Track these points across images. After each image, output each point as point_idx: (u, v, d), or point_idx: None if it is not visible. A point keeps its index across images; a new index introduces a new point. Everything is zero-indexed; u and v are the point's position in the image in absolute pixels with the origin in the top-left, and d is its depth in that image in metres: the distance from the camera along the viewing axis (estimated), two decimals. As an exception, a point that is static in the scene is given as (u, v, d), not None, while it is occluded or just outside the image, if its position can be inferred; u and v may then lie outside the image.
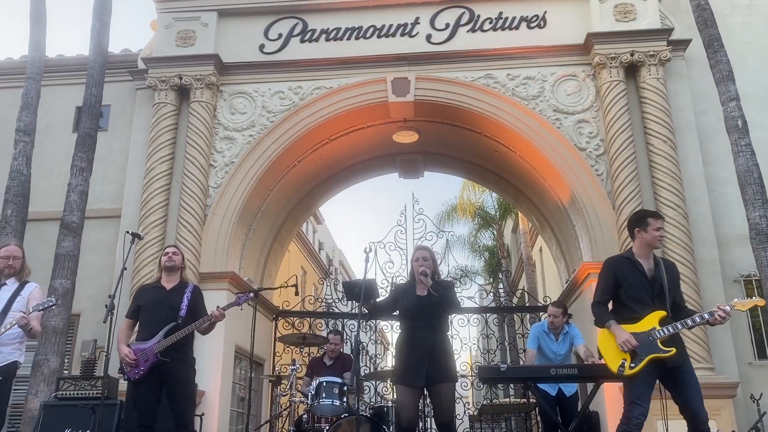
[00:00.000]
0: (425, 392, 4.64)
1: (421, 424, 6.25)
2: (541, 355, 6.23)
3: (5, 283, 5.15)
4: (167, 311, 4.89)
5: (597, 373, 5.51)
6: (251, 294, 5.30)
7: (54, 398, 6.35)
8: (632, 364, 4.20)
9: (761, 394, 7.02)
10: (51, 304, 4.94)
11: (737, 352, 7.71)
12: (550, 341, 6.24)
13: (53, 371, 6.90)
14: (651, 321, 4.27)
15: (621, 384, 7.15)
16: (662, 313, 4.26)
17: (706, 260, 7.93)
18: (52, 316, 6.95)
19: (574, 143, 8.46)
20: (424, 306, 4.54)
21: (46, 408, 6.16)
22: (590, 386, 5.65)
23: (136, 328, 5.01)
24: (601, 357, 4.52)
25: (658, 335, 4.20)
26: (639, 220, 4.49)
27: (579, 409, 5.81)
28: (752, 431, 6.68)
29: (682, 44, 8.74)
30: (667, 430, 5.73)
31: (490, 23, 9.00)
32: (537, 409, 6.62)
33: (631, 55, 8.43)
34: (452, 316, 6.30)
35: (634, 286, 4.34)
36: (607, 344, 4.37)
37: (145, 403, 4.75)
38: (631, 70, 8.57)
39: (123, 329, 5.04)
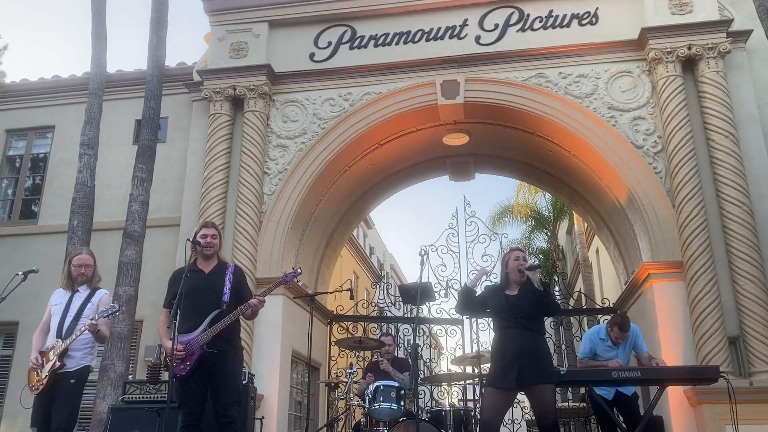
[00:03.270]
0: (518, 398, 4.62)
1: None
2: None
3: (78, 290, 5.39)
4: (210, 297, 4.57)
5: (661, 377, 5.37)
6: (297, 272, 4.99)
7: (121, 402, 6.56)
8: None
9: (838, 399, 6.67)
10: (115, 310, 5.12)
11: (811, 355, 7.34)
12: (607, 348, 6.02)
13: (119, 376, 7.14)
14: None
15: (685, 388, 6.99)
16: None
17: (774, 259, 7.59)
18: (117, 322, 7.20)
19: (630, 141, 8.25)
20: (513, 305, 4.51)
21: (114, 411, 6.38)
22: (653, 391, 5.50)
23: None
24: None
25: None
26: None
27: (642, 414, 5.64)
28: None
29: (743, 35, 8.42)
30: (737, 435, 5.53)
31: (540, 22, 8.88)
32: (595, 414, 6.45)
33: (689, 48, 8.18)
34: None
35: None
36: None
37: (192, 399, 4.46)
38: (689, 64, 8.31)
39: (163, 321, 4.72)
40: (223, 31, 9.51)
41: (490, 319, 4.93)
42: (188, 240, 4.90)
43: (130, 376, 7.94)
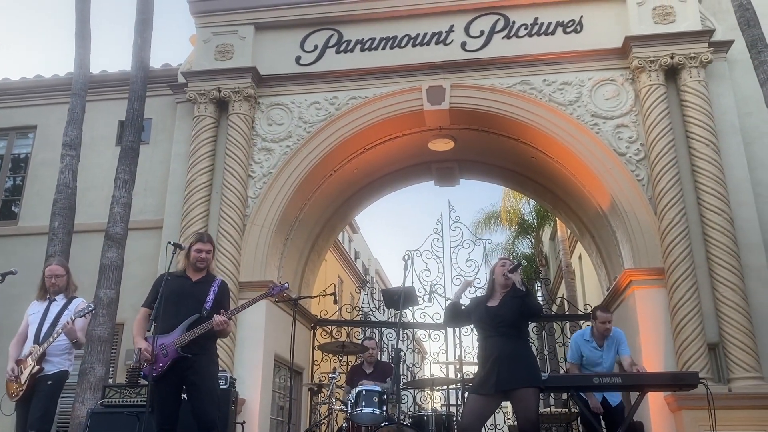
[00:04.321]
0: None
1: None
2: (592, 367, 6.08)
3: (54, 299, 5.42)
4: (192, 303, 4.54)
5: (642, 382, 5.42)
6: (284, 287, 4.99)
7: (100, 406, 6.48)
8: None
9: (815, 405, 6.76)
10: (91, 308, 5.14)
11: (788, 361, 7.44)
12: (593, 349, 6.10)
13: (99, 379, 7.05)
14: None
15: (666, 394, 7.04)
16: None
17: (752, 266, 7.68)
18: (98, 325, 7.12)
19: (613, 148, 8.33)
20: (494, 316, 4.63)
21: (92, 415, 6.28)
22: (634, 396, 5.54)
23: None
24: None
25: None
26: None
27: (624, 418, 5.67)
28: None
29: (724, 45, 8.54)
30: (715, 441, 5.58)
31: (526, 29, 8.95)
32: (579, 419, 6.48)
33: (671, 57, 8.28)
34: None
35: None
36: None
37: (165, 403, 4.41)
38: (672, 73, 8.41)
39: (139, 320, 4.68)
40: (208, 33, 9.47)
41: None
42: (169, 242, 4.90)
43: (110, 380, 7.85)
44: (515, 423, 11.36)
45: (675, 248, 7.56)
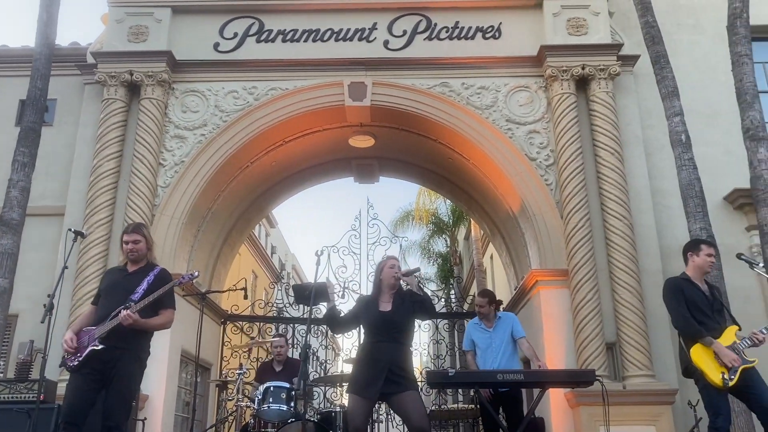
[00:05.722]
0: (378, 405, 4.63)
1: None
2: (481, 350, 6.26)
3: None
4: (121, 295, 4.41)
5: (543, 379, 5.62)
6: (194, 275, 4.87)
7: (-14, 402, 6.07)
8: (731, 376, 4.61)
9: (698, 401, 7.20)
10: None
11: (677, 360, 7.92)
12: (483, 331, 6.28)
13: (-13, 374, 6.61)
14: (730, 335, 4.77)
15: (566, 390, 7.34)
16: (736, 328, 4.83)
17: (649, 270, 8.14)
18: (-13, 316, 6.66)
19: (525, 153, 8.60)
20: (388, 322, 4.53)
21: (-23, 412, 5.89)
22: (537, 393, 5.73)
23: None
24: (698, 370, 4.79)
25: (742, 346, 4.70)
26: (692, 246, 5.13)
27: (525, 414, 5.86)
28: (689, 436, 6.89)
29: (631, 60, 9.00)
30: (608, 435, 5.87)
31: (447, 32, 9.09)
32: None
33: (582, 68, 8.63)
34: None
35: (698, 304, 4.87)
36: (704, 358, 4.74)
37: (75, 395, 4.20)
38: (582, 84, 8.78)
39: (83, 315, 4.67)
40: (122, 12, 9.05)
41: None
42: (69, 230, 4.68)
43: (0, 374, 7.38)
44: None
45: (578, 251, 7.90)
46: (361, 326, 4.76)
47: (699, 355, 4.73)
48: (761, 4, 9.27)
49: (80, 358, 4.25)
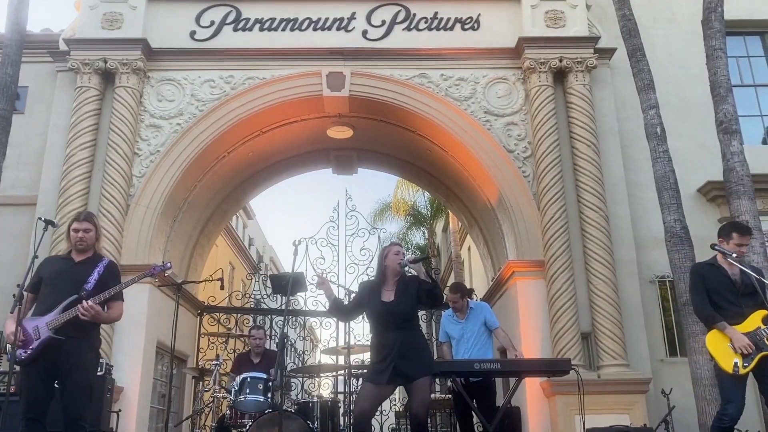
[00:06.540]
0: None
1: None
2: (455, 341, 6.28)
3: None
4: (72, 284, 4.26)
5: (519, 368, 5.67)
6: (167, 266, 4.76)
7: (-46, 395, 5.93)
8: (745, 363, 4.52)
9: (671, 389, 7.37)
10: None
11: (650, 350, 8.06)
12: (456, 323, 6.30)
13: (-44, 366, 6.48)
14: (755, 320, 4.63)
15: (542, 380, 7.41)
16: (764, 312, 4.64)
17: (624, 261, 8.25)
18: (-43, 307, 6.52)
19: (503, 145, 8.63)
20: (391, 313, 4.50)
21: (-55, 405, 5.75)
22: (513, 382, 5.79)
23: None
24: (712, 358, 4.76)
25: (765, 333, 4.56)
26: (724, 231, 4.93)
27: (501, 404, 5.91)
28: (662, 424, 7.00)
29: (608, 53, 9.07)
30: (584, 423, 5.95)
31: (426, 23, 9.07)
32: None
33: (560, 60, 8.68)
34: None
35: (720, 289, 4.76)
36: (718, 345, 4.65)
37: (33, 390, 4.05)
38: (560, 76, 8.82)
39: (24, 303, 4.33)
40: (96, -1, 8.88)
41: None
42: (40, 218, 4.56)
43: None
44: (401, 409, 11.61)
45: (555, 242, 7.96)
46: (367, 316, 4.73)
47: (713, 341, 4.68)
48: (735, -1, 9.39)
49: (34, 350, 4.09)
